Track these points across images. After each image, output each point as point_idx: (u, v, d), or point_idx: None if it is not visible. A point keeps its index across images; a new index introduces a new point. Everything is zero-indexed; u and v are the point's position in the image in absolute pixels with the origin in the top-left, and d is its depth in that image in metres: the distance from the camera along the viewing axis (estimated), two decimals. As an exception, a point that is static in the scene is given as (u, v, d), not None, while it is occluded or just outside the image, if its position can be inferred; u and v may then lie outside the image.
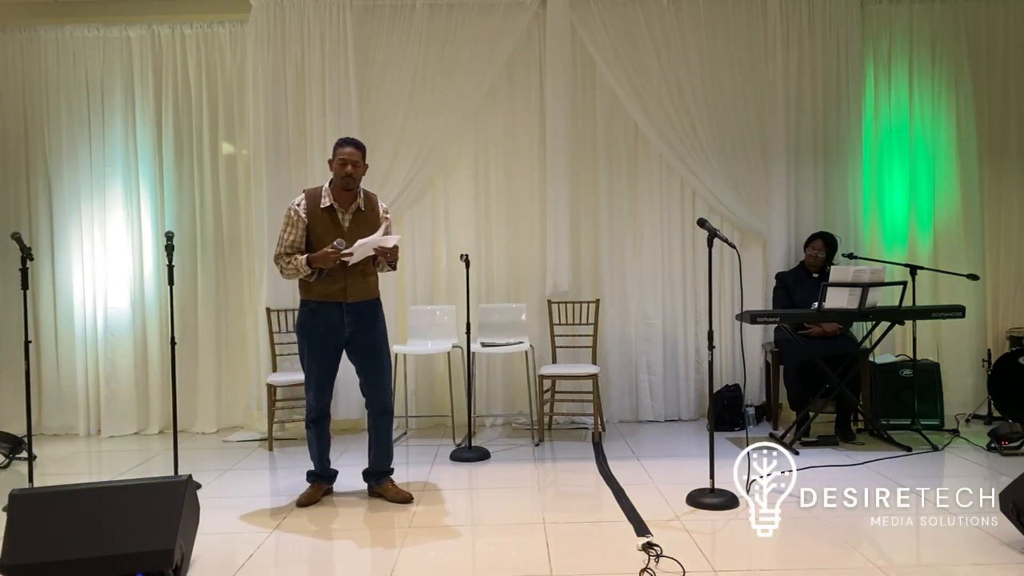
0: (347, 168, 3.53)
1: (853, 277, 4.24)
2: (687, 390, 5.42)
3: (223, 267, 5.47)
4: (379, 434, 3.75)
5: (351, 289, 3.58)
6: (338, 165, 3.54)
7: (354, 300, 3.59)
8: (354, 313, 3.60)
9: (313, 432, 3.74)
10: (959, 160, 5.37)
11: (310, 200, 3.59)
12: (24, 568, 2.57)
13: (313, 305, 3.59)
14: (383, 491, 3.74)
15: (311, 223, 3.56)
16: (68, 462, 4.75)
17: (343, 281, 3.56)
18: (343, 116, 5.16)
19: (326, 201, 3.57)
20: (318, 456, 3.77)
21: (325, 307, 3.57)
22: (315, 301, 3.58)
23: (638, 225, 5.41)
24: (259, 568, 2.96)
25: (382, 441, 3.76)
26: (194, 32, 5.40)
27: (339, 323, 3.58)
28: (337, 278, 3.54)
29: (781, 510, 3.44)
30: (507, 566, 2.90)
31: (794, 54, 5.25)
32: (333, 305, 3.57)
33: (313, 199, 3.59)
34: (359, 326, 3.62)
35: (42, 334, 5.42)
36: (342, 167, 3.53)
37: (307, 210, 3.57)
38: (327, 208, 3.57)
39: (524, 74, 5.37)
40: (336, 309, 3.57)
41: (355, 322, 3.60)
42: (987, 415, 5.11)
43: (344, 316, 3.58)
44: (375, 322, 3.69)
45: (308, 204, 3.58)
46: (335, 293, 3.56)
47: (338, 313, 3.57)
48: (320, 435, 3.74)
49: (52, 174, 5.42)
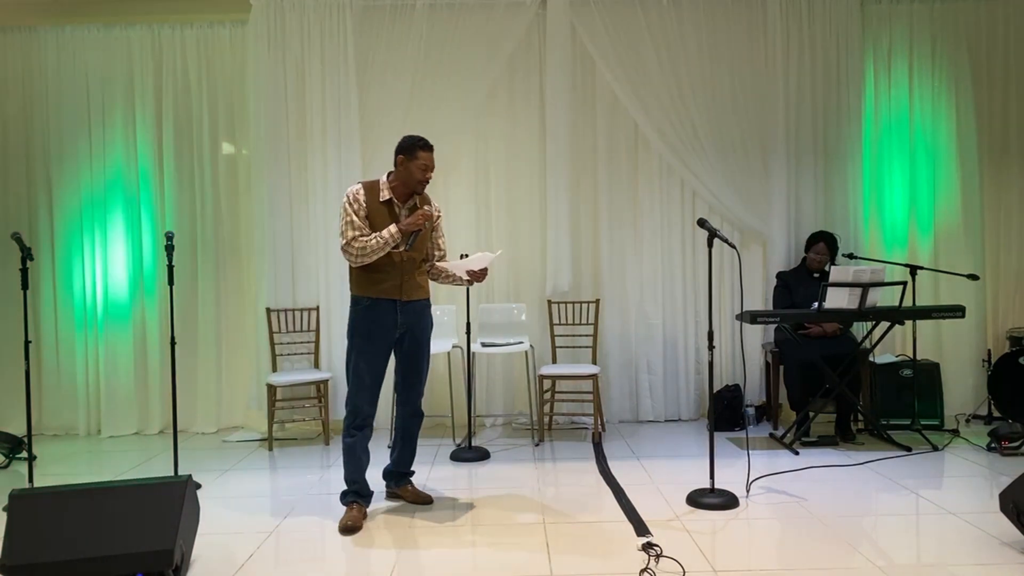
0: (428, 174, 3.44)
1: (853, 277, 4.24)
2: (687, 390, 5.42)
3: (223, 267, 5.47)
4: (406, 435, 3.68)
5: (407, 286, 3.46)
6: (418, 168, 3.41)
7: (409, 299, 3.48)
8: (408, 312, 3.48)
9: (357, 441, 3.45)
10: (959, 160, 5.37)
11: (368, 191, 3.45)
12: (24, 568, 2.57)
13: (367, 302, 3.44)
14: (402, 492, 3.71)
15: (369, 213, 3.42)
16: (68, 462, 4.74)
17: (399, 278, 3.44)
18: (343, 116, 5.16)
19: (385, 194, 3.46)
20: (359, 470, 3.48)
21: (379, 304, 3.43)
22: (369, 298, 3.43)
23: (638, 225, 5.41)
24: (259, 568, 2.96)
25: (408, 442, 3.69)
26: (194, 32, 5.40)
27: (392, 322, 3.46)
28: (393, 274, 3.43)
29: (781, 510, 3.45)
30: (507, 566, 2.90)
31: (794, 54, 5.25)
32: (387, 302, 3.44)
33: (371, 190, 3.46)
34: (411, 326, 3.51)
35: (42, 334, 5.42)
36: (423, 171, 3.42)
37: (366, 199, 3.44)
38: (386, 201, 3.45)
39: (524, 74, 5.37)
40: (390, 307, 3.44)
41: (407, 321, 3.49)
42: (987, 415, 5.11)
43: (398, 315, 3.46)
44: (426, 323, 3.60)
45: (367, 194, 3.44)
46: (390, 290, 3.43)
47: (392, 311, 3.45)
48: (364, 446, 3.49)
49: (52, 174, 5.42)
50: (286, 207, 5.22)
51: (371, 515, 3.52)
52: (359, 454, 3.48)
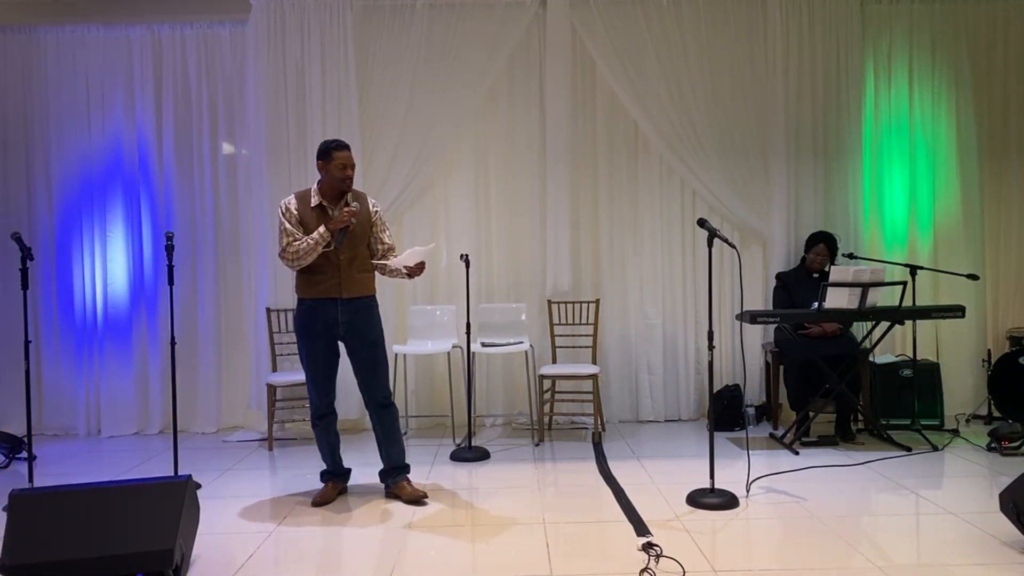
0: (347, 171, 3.56)
1: (853, 277, 4.24)
2: (687, 390, 5.42)
3: (223, 267, 5.47)
4: (384, 428, 3.74)
5: (346, 284, 3.59)
6: (337, 168, 3.54)
7: (349, 296, 3.60)
8: (349, 309, 3.60)
9: (320, 430, 3.74)
10: (959, 160, 5.37)
11: (300, 200, 3.62)
12: (24, 568, 2.57)
13: (308, 303, 3.61)
14: (399, 491, 3.73)
15: (302, 220, 3.57)
16: (68, 462, 4.74)
17: (337, 276, 3.57)
18: (343, 116, 5.16)
19: (315, 200, 3.59)
20: (329, 454, 3.78)
21: (320, 304, 3.58)
22: (310, 299, 3.60)
23: (638, 225, 5.41)
24: (259, 568, 2.96)
25: (389, 435, 3.75)
26: (194, 32, 5.40)
27: (334, 319, 3.59)
28: (332, 273, 3.56)
29: (781, 510, 3.45)
30: (507, 566, 2.90)
31: (794, 54, 5.25)
32: (328, 301, 3.58)
33: (303, 199, 3.62)
34: (354, 322, 3.62)
35: (42, 334, 5.42)
36: (342, 170, 3.55)
37: (298, 208, 3.59)
38: (317, 206, 3.59)
39: (524, 74, 5.37)
40: (331, 305, 3.58)
41: (350, 319, 3.61)
42: (987, 415, 5.11)
43: (339, 312, 3.59)
44: (369, 318, 3.68)
45: (298, 203, 3.60)
46: (330, 289, 3.58)
47: (333, 309, 3.58)
48: (327, 432, 3.75)
49: (52, 174, 5.42)
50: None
51: (371, 515, 3.53)
52: (325, 439, 3.76)
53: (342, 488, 3.84)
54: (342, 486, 3.85)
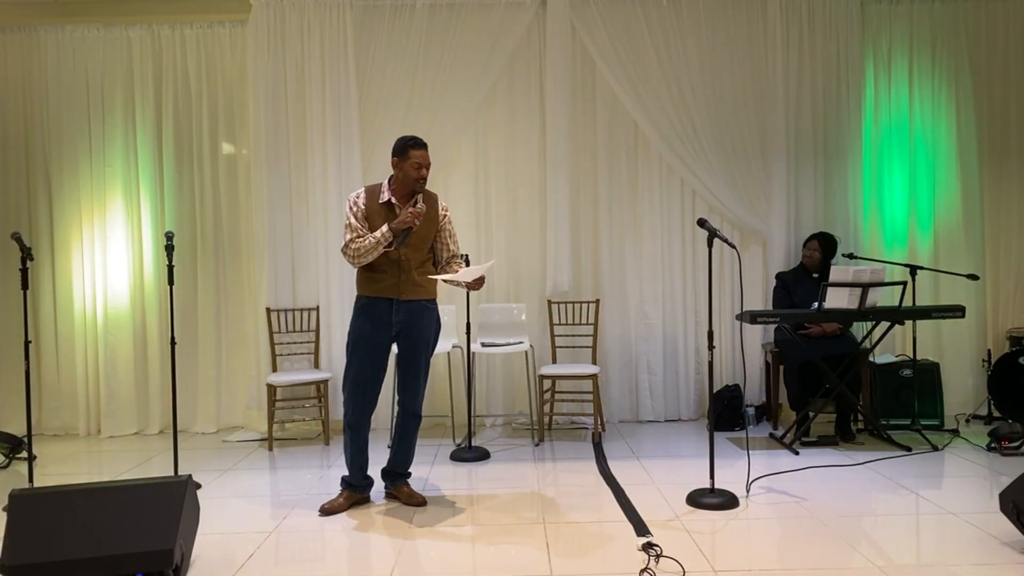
0: (423, 171, 3.48)
1: (853, 277, 4.24)
2: (687, 390, 5.42)
3: (223, 267, 5.47)
4: (403, 436, 3.69)
5: (404, 286, 3.50)
6: (412, 167, 3.45)
7: (406, 298, 3.51)
8: (404, 310, 3.51)
9: (348, 436, 3.60)
10: (959, 160, 5.37)
11: (368, 194, 3.55)
12: (24, 568, 2.56)
13: (364, 301, 3.53)
14: (398, 493, 3.72)
15: (369, 216, 3.50)
16: (68, 462, 4.74)
17: (397, 276, 3.48)
18: (343, 115, 5.16)
19: (385, 196, 3.52)
20: (349, 462, 3.63)
21: (374, 302, 3.50)
22: (366, 297, 3.52)
23: (638, 225, 5.41)
24: (259, 568, 2.96)
25: (404, 443, 3.70)
26: (194, 32, 5.40)
27: (388, 319, 3.50)
28: (392, 273, 3.47)
29: (781, 510, 3.45)
30: (507, 566, 2.90)
31: (794, 54, 5.25)
32: (383, 300, 3.50)
33: (371, 193, 3.54)
34: (408, 325, 3.53)
35: (42, 334, 5.42)
36: (417, 169, 3.46)
37: (365, 203, 3.52)
38: (385, 203, 3.51)
39: (524, 74, 5.37)
40: (385, 304, 3.50)
41: (404, 321, 3.52)
42: (987, 415, 5.11)
43: (393, 313, 3.50)
44: (426, 323, 3.57)
45: (367, 197, 3.53)
46: (387, 288, 3.49)
47: (387, 309, 3.50)
48: (354, 440, 3.59)
49: (52, 174, 5.42)
50: (286, 207, 5.22)
51: (370, 515, 3.53)
52: (349, 447, 3.62)
53: (359, 499, 3.66)
54: (359, 497, 3.66)
